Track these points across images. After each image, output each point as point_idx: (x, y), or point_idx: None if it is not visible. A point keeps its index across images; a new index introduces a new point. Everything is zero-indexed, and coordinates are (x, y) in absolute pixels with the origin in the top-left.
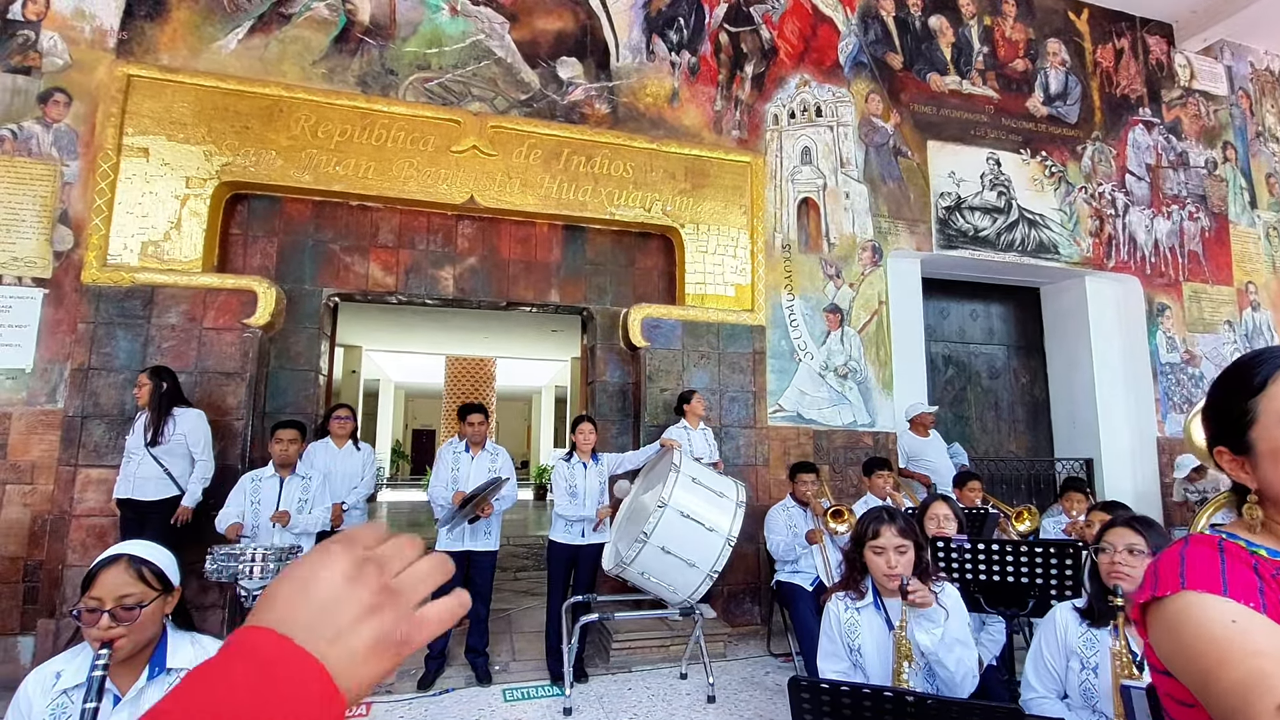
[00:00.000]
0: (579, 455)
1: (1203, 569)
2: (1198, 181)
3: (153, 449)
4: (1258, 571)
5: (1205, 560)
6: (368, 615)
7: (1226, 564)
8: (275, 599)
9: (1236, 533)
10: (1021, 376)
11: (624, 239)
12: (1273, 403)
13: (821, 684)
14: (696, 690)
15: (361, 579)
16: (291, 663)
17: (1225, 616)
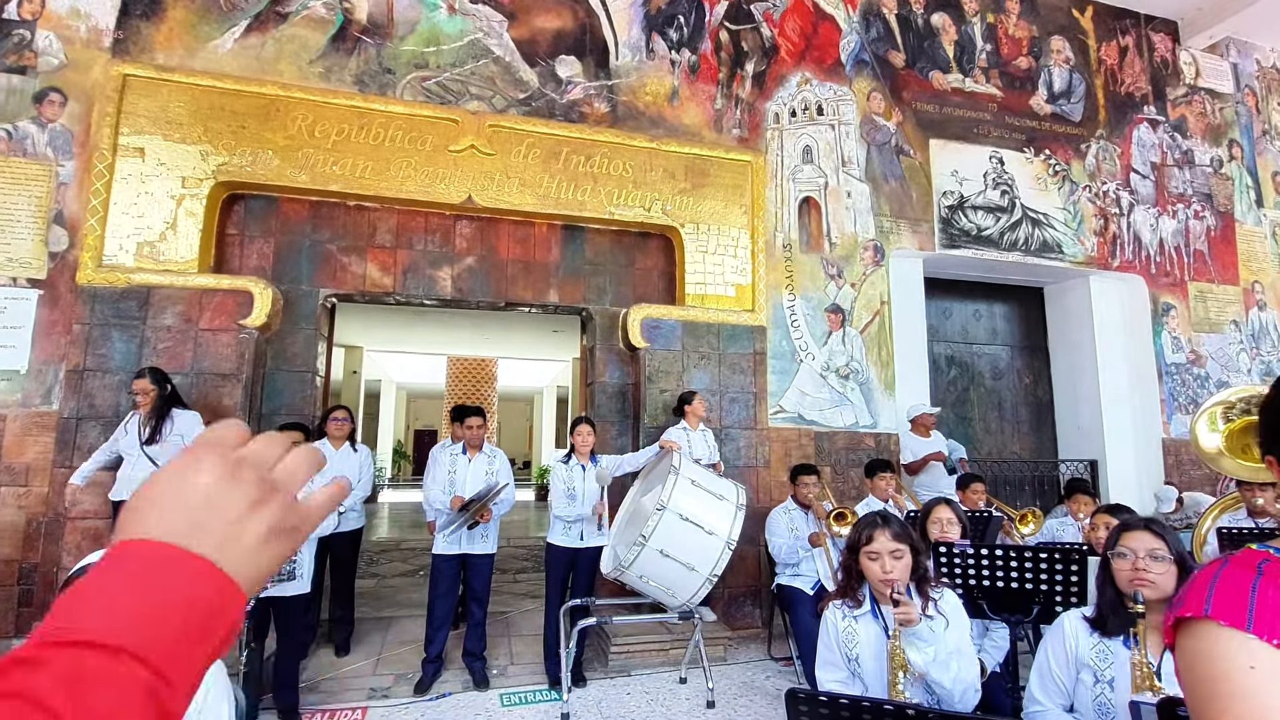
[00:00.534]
0: (577, 457)
1: (1231, 594)
2: (1203, 180)
3: (148, 447)
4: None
5: (1237, 584)
6: (253, 509)
7: (1259, 589)
8: (146, 510)
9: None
10: (1025, 377)
11: (623, 239)
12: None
13: (820, 696)
14: (696, 695)
15: (238, 477)
16: (181, 564)
17: (1244, 661)
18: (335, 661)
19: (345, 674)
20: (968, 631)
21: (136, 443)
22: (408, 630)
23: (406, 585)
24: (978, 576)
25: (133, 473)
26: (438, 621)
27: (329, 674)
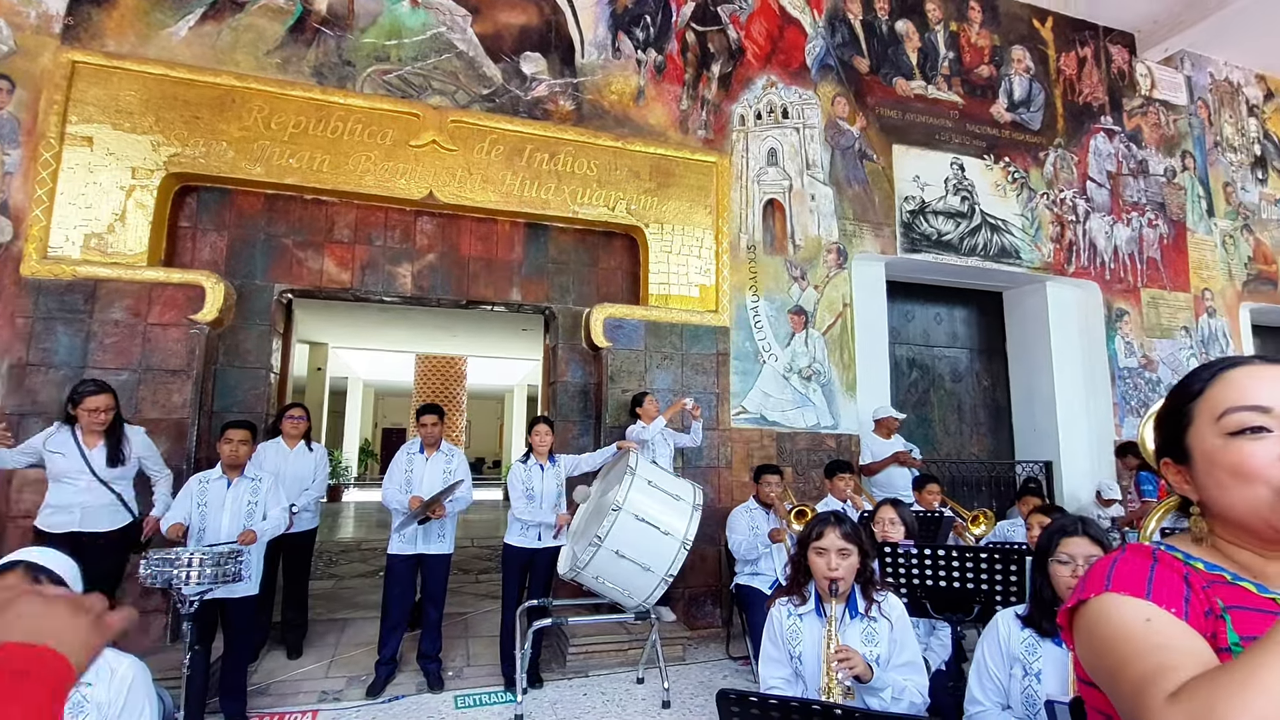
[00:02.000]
0: (536, 457)
1: (1130, 574)
2: (1157, 189)
3: (111, 469)
4: (1188, 581)
5: (1135, 567)
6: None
7: (1156, 571)
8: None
9: (1176, 545)
10: (984, 380)
11: (587, 238)
12: (1207, 404)
13: (750, 697)
14: (652, 695)
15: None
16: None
17: (1140, 615)
18: (286, 664)
19: (296, 677)
20: (913, 637)
21: (83, 465)
22: (363, 632)
23: (365, 586)
24: (921, 577)
25: (76, 499)
26: (392, 622)
27: (279, 677)
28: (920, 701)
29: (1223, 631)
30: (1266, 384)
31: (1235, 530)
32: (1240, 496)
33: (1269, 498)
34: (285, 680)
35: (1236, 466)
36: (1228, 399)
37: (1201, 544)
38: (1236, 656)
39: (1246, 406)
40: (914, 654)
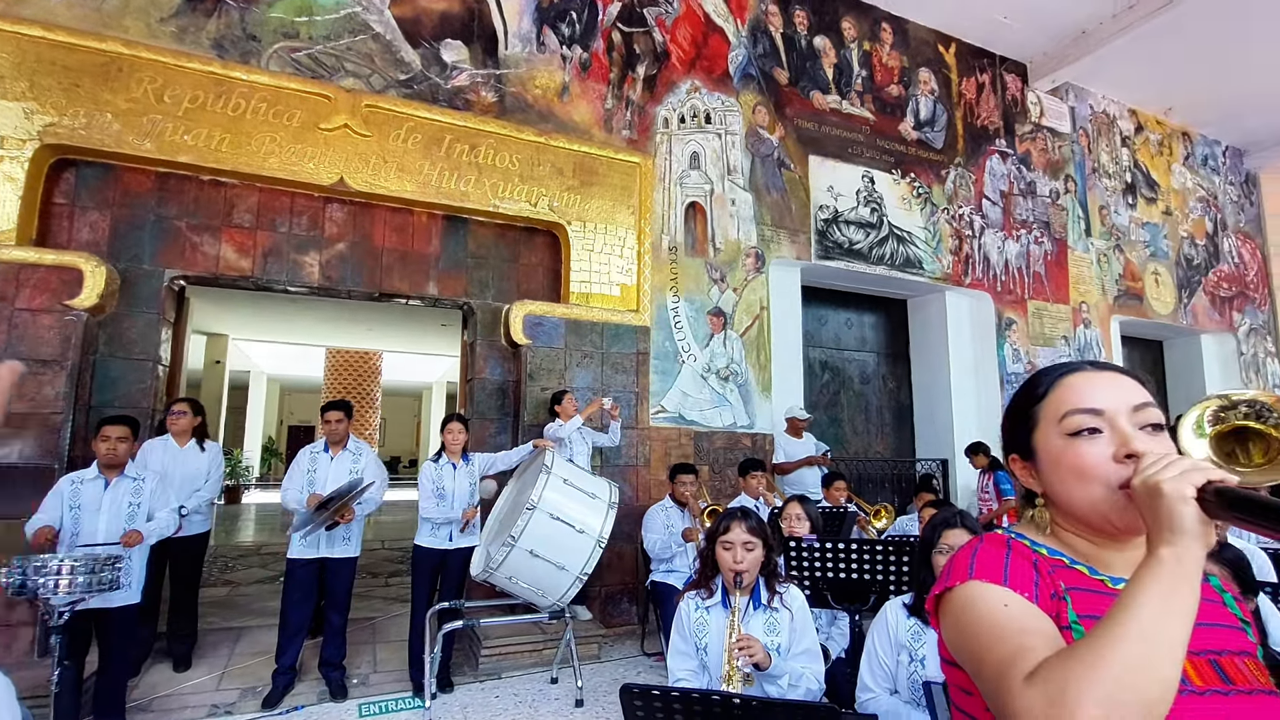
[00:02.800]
0: (448, 455)
1: (989, 562)
2: (1043, 209)
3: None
4: (1036, 567)
5: (993, 555)
6: None
7: (1010, 559)
8: None
9: (1025, 533)
10: (889, 382)
11: (508, 233)
12: (1049, 407)
13: (653, 690)
14: (565, 694)
15: None
16: None
17: (1000, 601)
18: (173, 677)
19: (184, 690)
20: (813, 629)
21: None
22: (259, 641)
23: (264, 593)
24: (823, 569)
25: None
26: (291, 630)
27: (164, 691)
28: (817, 688)
29: (1064, 611)
30: (1100, 389)
31: (1074, 521)
32: (1080, 493)
33: (1103, 493)
34: (171, 695)
35: (1076, 465)
36: (1067, 402)
37: (1045, 533)
38: (1079, 636)
39: (1083, 409)
40: (812, 643)
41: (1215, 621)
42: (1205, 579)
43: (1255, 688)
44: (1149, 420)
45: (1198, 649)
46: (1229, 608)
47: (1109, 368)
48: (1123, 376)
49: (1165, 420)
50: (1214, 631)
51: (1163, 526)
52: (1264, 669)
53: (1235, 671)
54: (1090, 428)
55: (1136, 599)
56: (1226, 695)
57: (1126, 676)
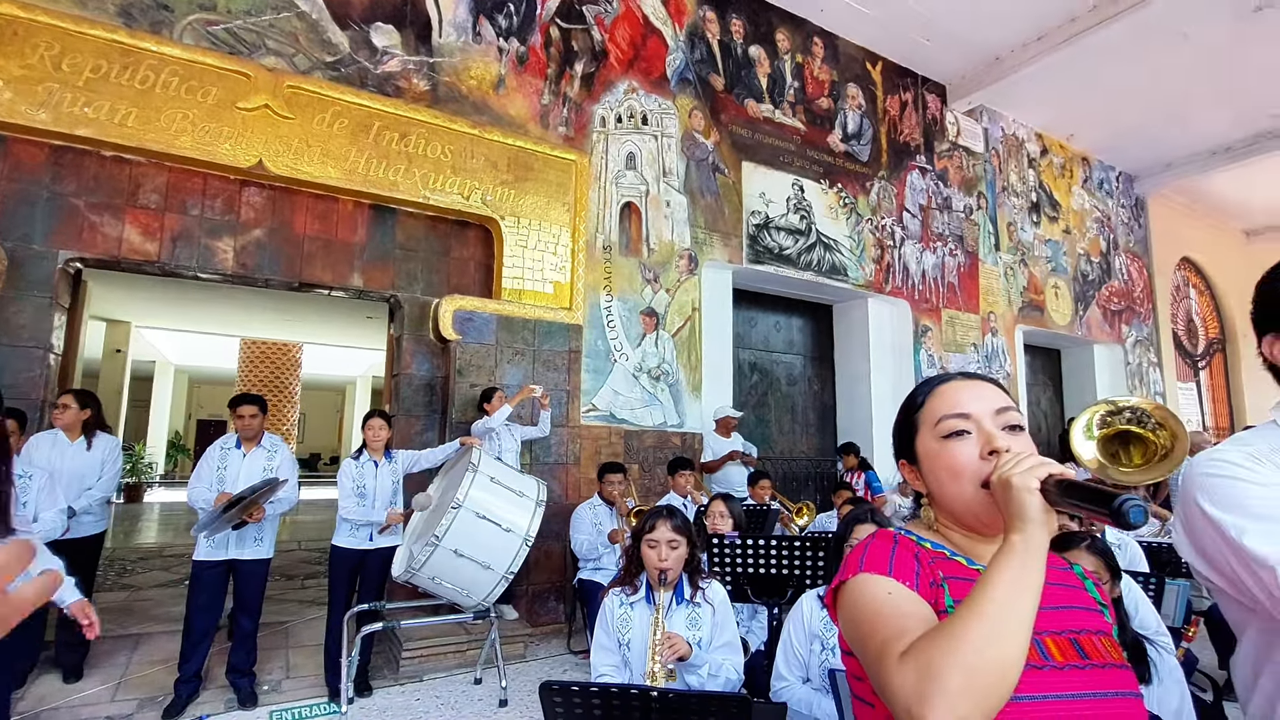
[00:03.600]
0: (370, 453)
1: (877, 556)
2: (957, 224)
3: None
4: (919, 559)
5: (881, 549)
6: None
7: (896, 551)
8: None
9: (913, 530)
10: (815, 384)
11: (439, 225)
12: (927, 414)
13: (572, 686)
14: (489, 695)
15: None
16: None
17: (884, 590)
18: (63, 688)
19: (74, 702)
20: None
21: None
22: (161, 647)
23: (167, 598)
24: (744, 565)
25: None
26: (196, 636)
27: (53, 703)
28: (736, 679)
29: (942, 597)
30: (967, 396)
31: (951, 518)
32: (953, 489)
33: (971, 491)
34: (60, 707)
35: (949, 464)
36: (940, 409)
37: (930, 529)
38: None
39: (953, 414)
40: (732, 636)
41: (1076, 604)
42: (1070, 568)
43: (1108, 662)
44: (1009, 422)
45: (1060, 629)
46: (1089, 593)
47: (975, 377)
48: (987, 385)
49: (1024, 423)
50: (1075, 614)
51: (1013, 515)
52: (1117, 646)
53: (1092, 648)
54: (960, 430)
55: (991, 580)
56: (1083, 669)
57: (984, 647)
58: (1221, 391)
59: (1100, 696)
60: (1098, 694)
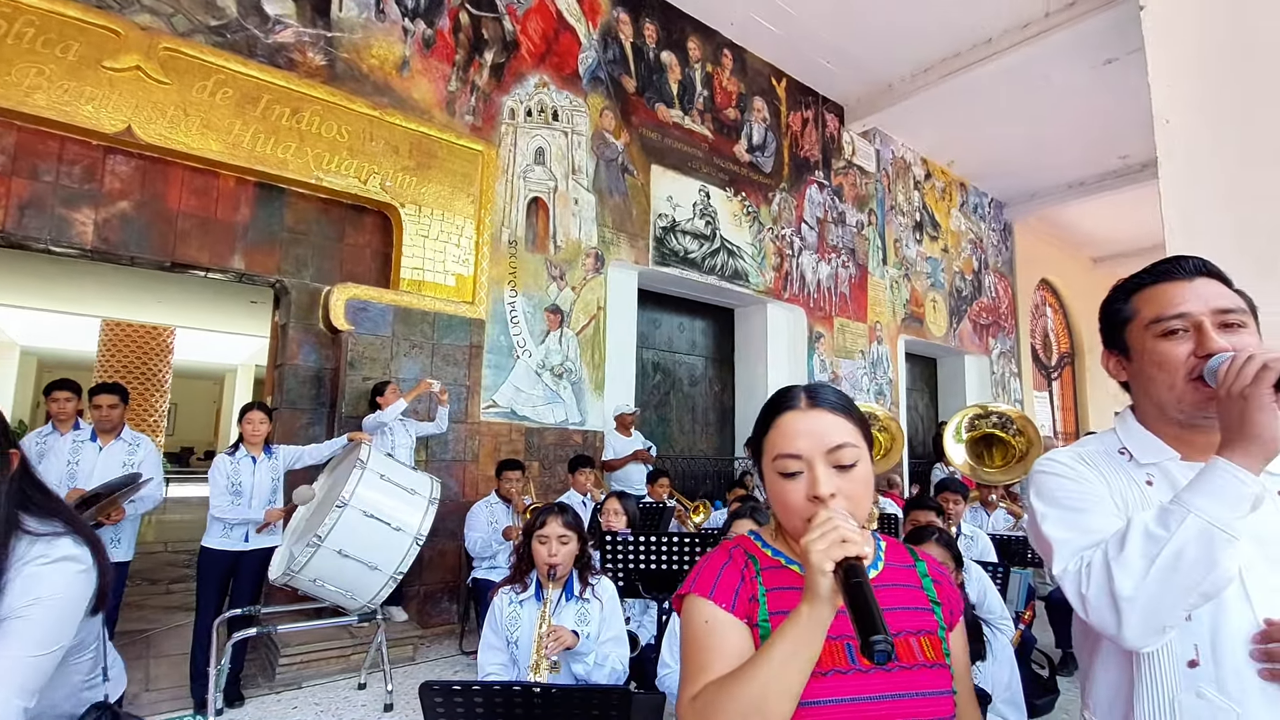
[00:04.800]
0: (247, 448)
1: (707, 575)
2: (850, 237)
3: None
4: (744, 573)
5: (712, 567)
6: None
7: (725, 570)
8: None
9: (761, 534)
10: (715, 385)
11: (333, 209)
12: (768, 445)
13: (453, 685)
14: (374, 700)
15: None
16: None
17: (701, 618)
18: None
19: None
20: (621, 618)
21: None
22: None
23: None
24: (636, 561)
25: None
26: None
27: None
28: (621, 670)
29: (756, 612)
30: (802, 433)
31: (787, 532)
32: (785, 522)
33: (797, 523)
34: None
35: (782, 502)
36: (776, 445)
37: (774, 537)
38: (764, 634)
39: (786, 454)
40: (619, 630)
41: (909, 605)
42: (913, 566)
43: (919, 663)
44: (840, 461)
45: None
46: (926, 592)
47: (818, 403)
48: (827, 416)
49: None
50: (902, 615)
51: (806, 586)
52: (938, 644)
53: (906, 650)
54: (790, 472)
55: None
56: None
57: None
58: (1070, 400)
59: (903, 697)
60: (901, 694)
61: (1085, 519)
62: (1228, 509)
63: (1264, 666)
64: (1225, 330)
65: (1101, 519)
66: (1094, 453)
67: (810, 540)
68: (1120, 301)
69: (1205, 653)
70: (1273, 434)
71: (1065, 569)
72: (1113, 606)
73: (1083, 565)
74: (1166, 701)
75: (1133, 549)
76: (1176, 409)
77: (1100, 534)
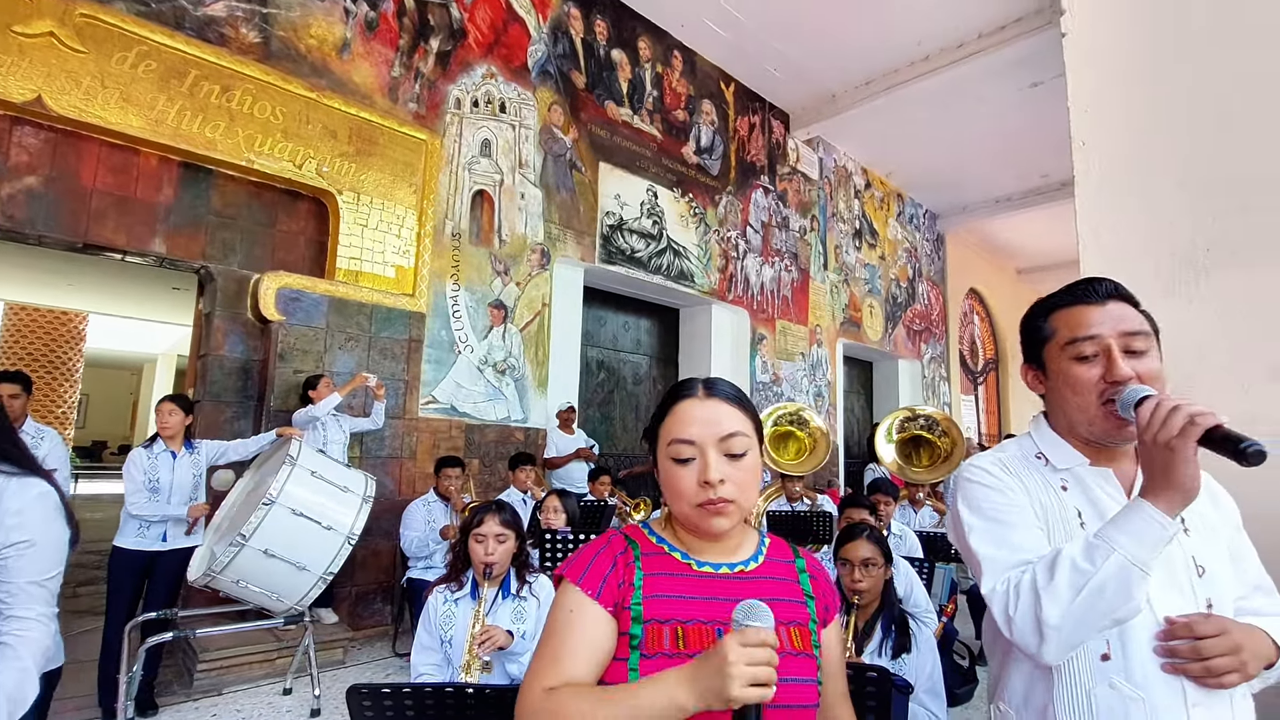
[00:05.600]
0: (165, 442)
1: (581, 560)
2: (793, 242)
3: None
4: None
5: (589, 553)
6: None
7: (599, 557)
8: None
9: (650, 523)
10: (659, 384)
11: (265, 193)
12: (664, 430)
13: (382, 689)
14: (300, 705)
15: None
16: None
17: (568, 606)
18: None
19: None
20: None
21: None
22: None
23: None
24: None
25: None
26: None
27: None
28: None
29: (629, 596)
30: (695, 420)
31: (677, 518)
32: (675, 508)
33: (689, 510)
34: None
35: (674, 488)
36: (671, 431)
37: (664, 526)
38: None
39: (680, 440)
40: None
41: (781, 597)
42: (793, 561)
43: (783, 650)
44: (731, 450)
45: None
46: (802, 587)
47: (714, 394)
48: (721, 406)
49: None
50: (779, 605)
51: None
52: (806, 635)
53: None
54: (685, 457)
55: (637, 692)
56: None
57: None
58: (994, 404)
59: None
60: None
61: (1012, 534)
62: (1146, 549)
63: (1166, 661)
64: (1130, 356)
65: (1025, 533)
66: (1013, 458)
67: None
68: (1040, 319)
69: (1116, 648)
70: (1194, 484)
71: (994, 589)
72: (1037, 631)
73: (1010, 587)
74: (1083, 693)
75: (1061, 580)
76: (1088, 430)
77: (1025, 552)
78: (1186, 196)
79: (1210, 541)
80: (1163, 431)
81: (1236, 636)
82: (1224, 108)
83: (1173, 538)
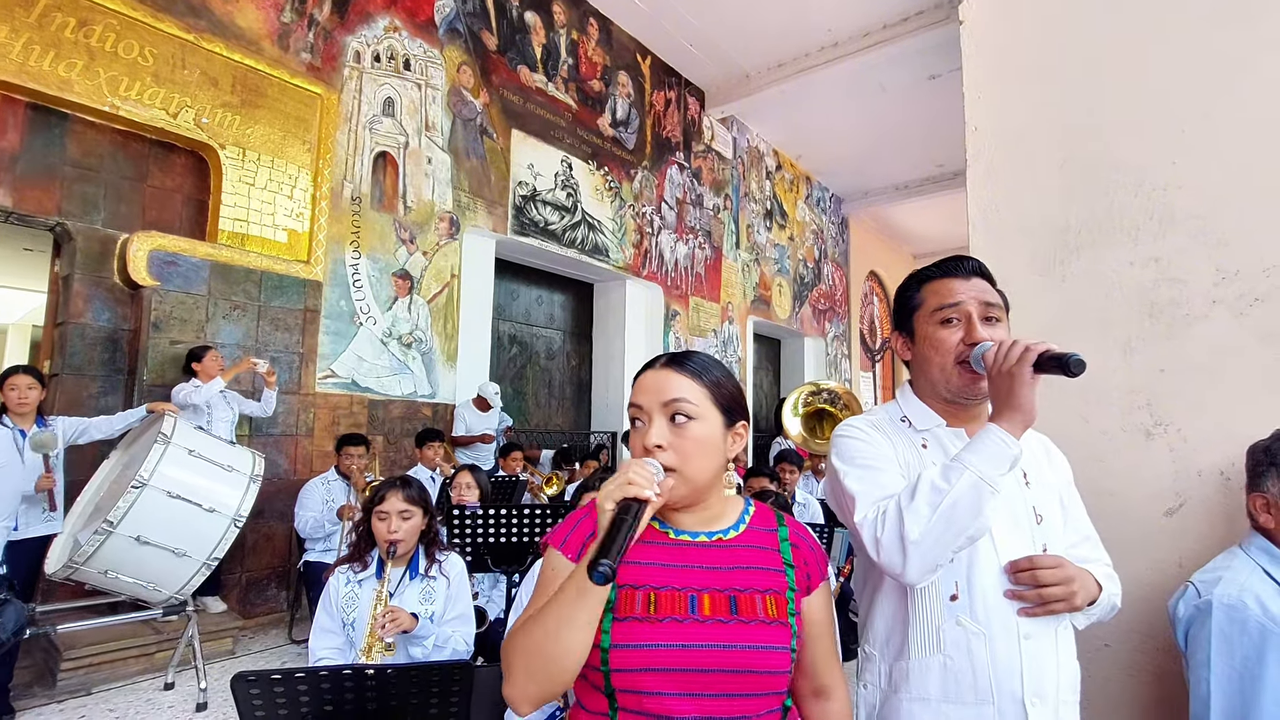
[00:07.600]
0: (13, 419)
1: (565, 526)
2: (707, 220)
3: None
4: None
5: (571, 519)
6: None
7: (579, 524)
8: None
9: None
10: (573, 359)
11: (133, 144)
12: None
13: (273, 675)
14: (184, 700)
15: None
16: None
17: (550, 567)
18: None
19: None
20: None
21: None
22: None
23: None
24: (485, 535)
25: None
26: None
27: None
28: (465, 649)
29: None
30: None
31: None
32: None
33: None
34: None
35: (633, 448)
36: (632, 398)
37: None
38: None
39: (632, 404)
40: (466, 608)
41: (760, 565)
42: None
43: (756, 618)
44: (674, 412)
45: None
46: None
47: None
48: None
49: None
50: (752, 573)
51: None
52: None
53: (748, 606)
54: (636, 419)
55: (554, 601)
56: (727, 623)
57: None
58: (889, 380)
59: (737, 648)
60: (735, 645)
61: (879, 476)
62: (994, 466)
63: (1009, 589)
64: (986, 323)
65: (890, 476)
66: (882, 420)
67: (605, 484)
68: (913, 290)
69: (963, 588)
70: (1031, 405)
71: (865, 516)
72: (901, 549)
73: (879, 514)
74: (933, 629)
75: (921, 498)
76: (945, 388)
77: (890, 489)
78: (1064, 180)
79: (1047, 494)
80: (1005, 361)
81: (1069, 571)
82: (1097, 94)
83: (1017, 460)
